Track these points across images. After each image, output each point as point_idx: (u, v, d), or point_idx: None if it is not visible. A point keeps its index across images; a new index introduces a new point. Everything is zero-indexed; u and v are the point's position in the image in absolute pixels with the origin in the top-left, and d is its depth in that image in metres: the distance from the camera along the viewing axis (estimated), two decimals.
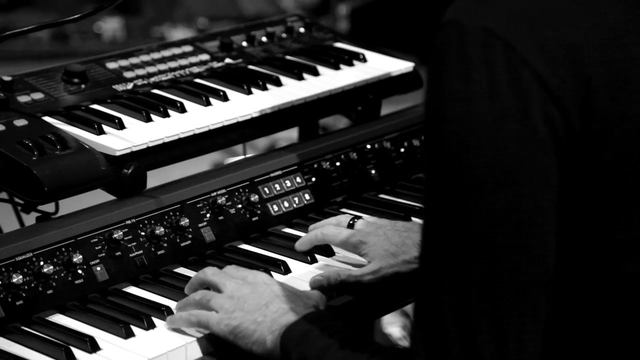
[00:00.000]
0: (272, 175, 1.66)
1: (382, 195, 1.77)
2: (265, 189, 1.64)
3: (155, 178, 1.59)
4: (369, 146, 1.77)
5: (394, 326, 2.81)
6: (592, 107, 0.99)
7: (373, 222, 1.54)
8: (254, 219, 1.62)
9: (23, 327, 1.37)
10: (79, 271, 1.43)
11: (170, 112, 1.64)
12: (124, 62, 1.75)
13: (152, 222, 1.51)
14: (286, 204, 1.66)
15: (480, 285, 1.01)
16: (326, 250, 1.57)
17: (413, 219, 1.66)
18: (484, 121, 0.99)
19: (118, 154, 1.52)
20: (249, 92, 1.74)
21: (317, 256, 1.56)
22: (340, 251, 1.57)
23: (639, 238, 1.03)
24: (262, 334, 1.29)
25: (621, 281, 1.04)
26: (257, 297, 1.33)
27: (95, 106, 1.64)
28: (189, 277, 1.47)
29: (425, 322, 1.05)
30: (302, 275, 1.51)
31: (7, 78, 1.60)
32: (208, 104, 1.68)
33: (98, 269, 1.45)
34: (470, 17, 1.01)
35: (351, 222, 1.54)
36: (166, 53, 1.81)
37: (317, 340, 1.23)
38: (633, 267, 1.04)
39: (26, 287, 1.38)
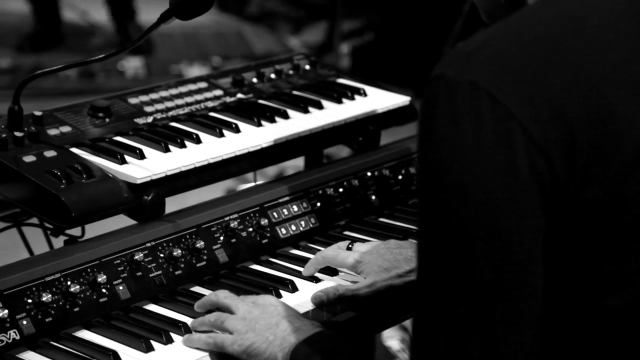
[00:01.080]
0: (280, 200, 1.66)
1: (381, 219, 1.77)
2: (274, 214, 1.64)
3: (173, 204, 1.58)
4: (369, 174, 1.77)
5: (393, 340, 2.81)
6: (574, 154, 0.99)
7: (368, 244, 1.56)
8: (263, 241, 1.62)
9: (52, 342, 1.37)
10: (103, 290, 1.43)
11: (186, 143, 1.64)
12: (144, 98, 1.76)
13: (170, 244, 1.51)
14: (293, 228, 1.66)
15: (471, 319, 1.01)
16: (330, 270, 1.57)
17: (410, 240, 1.66)
18: (472, 169, 0.99)
19: (139, 182, 1.53)
20: (259, 125, 1.74)
21: (322, 275, 1.56)
22: (344, 271, 1.56)
23: (623, 272, 1.02)
24: (274, 352, 1.30)
25: (607, 314, 1.04)
26: (267, 318, 1.33)
27: (118, 138, 1.64)
28: (204, 296, 1.47)
29: (421, 344, 1.05)
30: (308, 293, 1.50)
31: (38, 113, 1.60)
32: (221, 135, 1.68)
33: (120, 288, 1.45)
34: (458, 71, 1.01)
35: (350, 245, 1.56)
36: (183, 89, 1.81)
37: (324, 358, 1.24)
38: (617, 300, 1.03)
39: (55, 305, 1.38)
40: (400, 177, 1.81)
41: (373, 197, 1.77)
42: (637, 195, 1.01)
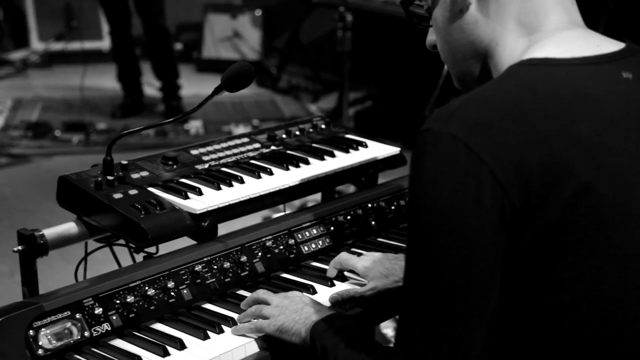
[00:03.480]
0: (303, 225, 1.66)
1: (379, 239, 1.75)
2: (299, 235, 1.64)
3: (224, 228, 1.58)
4: (370, 205, 1.77)
5: (388, 328, 2.79)
6: (528, 191, 0.98)
7: (372, 254, 1.55)
8: (291, 256, 1.61)
9: (134, 332, 1.36)
10: (172, 293, 1.42)
11: (233, 183, 1.64)
12: (202, 150, 1.76)
13: (222, 259, 1.51)
14: (313, 246, 1.65)
15: (443, 315, 1.01)
16: (342, 278, 1.56)
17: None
18: (448, 199, 0.99)
19: (198, 212, 1.52)
20: (287, 169, 1.74)
21: (336, 281, 1.55)
22: (352, 277, 1.55)
23: (568, 277, 1.01)
24: (299, 328, 1.30)
25: (557, 309, 1.03)
26: (294, 305, 1.34)
27: (183, 180, 1.64)
28: (247, 297, 1.46)
29: (402, 331, 1.05)
30: (324, 294, 1.50)
31: (124, 162, 1.61)
32: (259, 177, 1.68)
33: (185, 291, 1.44)
34: (441, 126, 1.00)
35: (359, 254, 1.56)
36: (231, 143, 1.82)
37: (334, 335, 1.24)
38: (565, 298, 1.02)
39: (136, 305, 1.38)
40: (393, 207, 1.80)
41: (373, 223, 1.76)
42: (576, 221, 1.00)
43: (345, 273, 1.56)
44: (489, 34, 1.13)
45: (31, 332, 1.25)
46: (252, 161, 1.77)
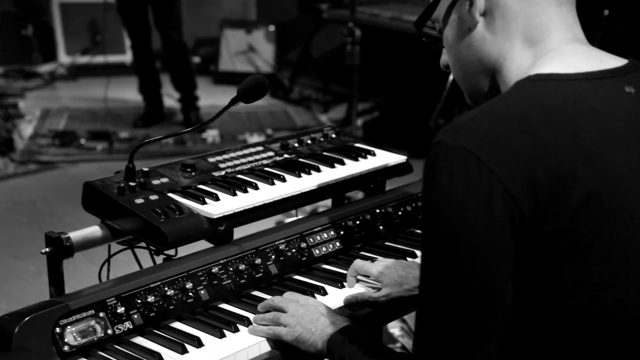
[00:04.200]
0: (315, 230, 1.65)
1: (387, 243, 1.74)
2: (311, 239, 1.63)
3: (239, 232, 1.58)
4: (377, 210, 1.76)
5: (395, 328, 2.78)
6: (537, 200, 0.98)
7: (386, 261, 1.53)
8: (303, 258, 1.60)
9: (155, 330, 1.36)
10: (190, 294, 1.42)
11: (248, 189, 1.64)
12: (219, 157, 1.76)
13: (237, 261, 1.50)
14: (324, 249, 1.64)
15: (458, 320, 1.00)
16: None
17: (408, 258, 1.64)
18: (461, 208, 0.98)
19: (215, 217, 1.52)
20: (300, 176, 1.73)
21: (345, 283, 1.54)
22: (364, 280, 1.54)
23: (574, 282, 1.01)
24: (315, 340, 1.29)
25: (563, 312, 1.02)
26: (310, 315, 1.33)
27: (201, 186, 1.64)
28: (261, 298, 1.46)
29: (420, 338, 1.04)
30: (334, 296, 1.49)
31: (145, 169, 1.61)
32: (273, 184, 1.68)
33: (202, 292, 1.44)
34: (453, 139, 1.00)
35: (372, 260, 1.54)
36: (246, 151, 1.81)
37: (351, 345, 1.23)
38: (570, 302, 1.01)
39: (157, 304, 1.37)
40: (400, 212, 1.79)
41: (381, 227, 1.75)
42: (582, 228, 1.00)
43: (359, 277, 1.55)
44: (496, 50, 1.13)
45: (57, 330, 1.26)
46: (266, 168, 1.76)
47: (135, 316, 1.34)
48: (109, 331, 1.31)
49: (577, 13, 1.15)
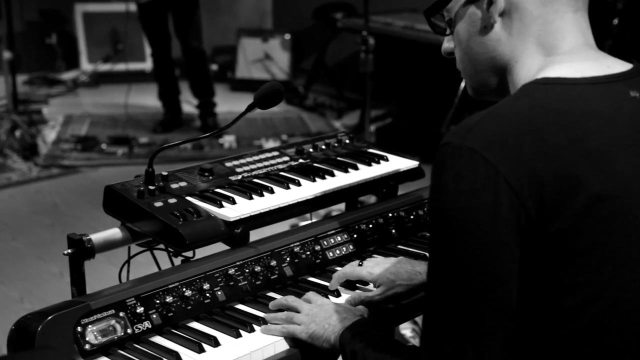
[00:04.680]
0: (328, 233, 1.65)
1: (399, 246, 1.74)
2: (325, 242, 1.63)
3: (255, 235, 1.58)
4: (390, 214, 1.75)
5: (407, 329, 2.77)
6: (542, 200, 0.98)
7: (376, 260, 1.52)
8: (317, 261, 1.60)
9: (172, 330, 1.36)
10: (207, 294, 1.42)
11: (264, 193, 1.64)
12: (236, 162, 1.77)
13: (253, 263, 1.51)
14: (338, 252, 1.64)
15: (465, 317, 1.00)
16: (362, 284, 1.54)
17: (404, 257, 1.64)
18: (468, 208, 0.98)
19: (232, 220, 1.53)
20: (314, 180, 1.73)
21: (357, 285, 1.54)
22: (363, 287, 1.53)
23: (575, 282, 1.00)
24: (328, 335, 1.29)
25: (563, 311, 1.02)
26: (324, 313, 1.33)
27: (218, 190, 1.64)
28: (276, 299, 1.45)
29: (427, 333, 1.04)
30: (346, 297, 1.49)
31: (164, 173, 1.62)
32: (288, 188, 1.68)
33: (219, 292, 1.44)
34: (460, 140, 1.00)
35: (360, 263, 1.53)
36: (262, 156, 1.82)
37: (362, 339, 1.23)
38: (570, 301, 1.01)
39: (175, 304, 1.38)
40: (412, 217, 1.79)
41: (393, 231, 1.75)
42: (587, 229, 0.99)
43: (357, 284, 1.54)
44: (509, 52, 1.12)
45: (79, 329, 1.26)
46: (282, 173, 1.76)
47: (154, 316, 1.35)
48: (129, 330, 1.31)
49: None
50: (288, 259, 1.56)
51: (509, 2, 1.10)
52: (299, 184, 1.70)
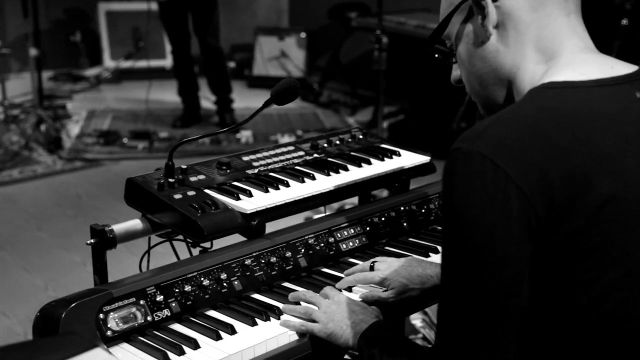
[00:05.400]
0: (342, 225, 1.65)
1: (410, 239, 1.74)
2: (338, 234, 1.63)
3: (271, 227, 1.58)
4: (402, 208, 1.75)
5: (417, 320, 2.76)
6: (552, 202, 0.97)
7: (387, 263, 1.49)
8: (331, 253, 1.60)
9: (191, 318, 1.37)
10: (224, 284, 1.43)
11: (280, 186, 1.64)
12: (252, 157, 1.77)
13: (269, 254, 1.51)
14: (351, 244, 1.64)
15: (479, 313, 1.00)
16: None
17: (430, 254, 1.63)
18: (479, 212, 0.97)
19: (248, 212, 1.53)
20: (328, 175, 1.73)
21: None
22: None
23: (586, 280, 1.00)
24: (347, 337, 1.29)
25: (576, 308, 1.01)
26: (342, 312, 1.32)
27: (235, 183, 1.65)
28: (291, 289, 1.46)
29: (441, 331, 1.04)
30: (360, 290, 1.49)
31: (184, 166, 1.62)
32: (303, 182, 1.68)
33: (236, 282, 1.44)
34: (470, 146, 0.99)
35: (371, 264, 1.51)
36: (278, 151, 1.82)
37: (379, 341, 1.23)
38: (583, 299, 1.00)
39: (193, 293, 1.38)
40: (423, 210, 1.78)
41: (405, 224, 1.74)
42: (597, 229, 0.98)
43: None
44: (510, 61, 1.11)
45: (101, 316, 1.27)
46: (297, 167, 1.76)
47: (173, 304, 1.35)
48: (149, 318, 1.32)
49: (595, 23, 1.13)
50: (303, 250, 1.56)
51: (501, 13, 1.09)
52: (313, 178, 1.70)
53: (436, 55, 1.24)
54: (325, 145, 1.89)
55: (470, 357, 0.99)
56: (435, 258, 1.61)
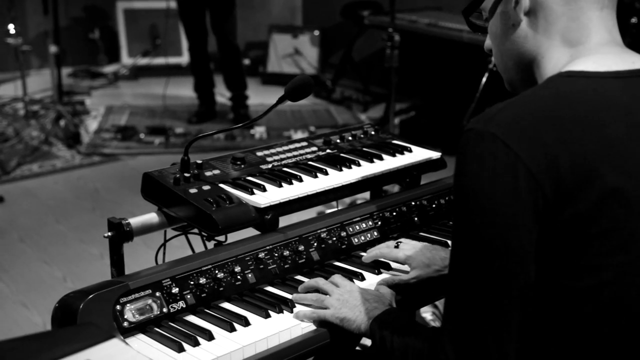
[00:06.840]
0: (354, 220, 1.64)
1: (421, 233, 1.73)
2: (350, 229, 1.63)
3: (284, 221, 1.58)
4: (413, 203, 1.74)
5: (427, 313, 2.75)
6: (559, 185, 0.97)
7: (412, 243, 1.52)
8: (343, 246, 1.60)
9: (206, 310, 1.37)
10: (238, 277, 1.43)
11: (293, 181, 1.64)
12: (266, 152, 1.77)
13: (282, 247, 1.51)
14: (363, 238, 1.64)
15: (486, 295, 0.99)
16: (386, 266, 1.54)
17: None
18: (489, 191, 0.98)
19: (262, 206, 1.53)
20: (341, 170, 1.73)
21: (381, 270, 1.53)
22: (396, 267, 1.53)
23: (590, 265, 0.99)
24: (359, 323, 1.29)
25: (579, 292, 1.00)
26: (354, 300, 1.33)
27: (249, 178, 1.65)
28: (304, 282, 1.45)
29: (449, 310, 1.04)
30: (371, 281, 1.48)
31: (199, 161, 1.63)
32: (316, 177, 1.68)
33: (250, 275, 1.45)
34: (483, 126, 1.00)
35: (396, 244, 1.52)
36: (291, 146, 1.82)
37: (390, 326, 1.23)
38: (586, 282, 1.00)
39: (208, 286, 1.38)
40: (434, 205, 1.77)
41: (416, 219, 1.74)
42: (604, 215, 0.98)
43: (391, 263, 1.54)
44: (536, 48, 1.12)
45: (118, 307, 1.28)
46: (310, 162, 1.76)
47: (188, 296, 1.35)
48: (164, 309, 1.32)
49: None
50: (315, 244, 1.55)
51: (534, 1, 1.10)
52: (326, 173, 1.70)
53: (471, 26, 1.24)
54: (338, 141, 1.88)
55: (475, 335, 0.99)
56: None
